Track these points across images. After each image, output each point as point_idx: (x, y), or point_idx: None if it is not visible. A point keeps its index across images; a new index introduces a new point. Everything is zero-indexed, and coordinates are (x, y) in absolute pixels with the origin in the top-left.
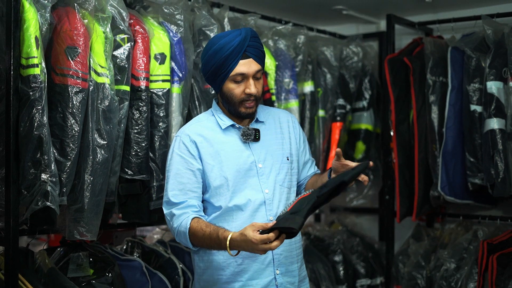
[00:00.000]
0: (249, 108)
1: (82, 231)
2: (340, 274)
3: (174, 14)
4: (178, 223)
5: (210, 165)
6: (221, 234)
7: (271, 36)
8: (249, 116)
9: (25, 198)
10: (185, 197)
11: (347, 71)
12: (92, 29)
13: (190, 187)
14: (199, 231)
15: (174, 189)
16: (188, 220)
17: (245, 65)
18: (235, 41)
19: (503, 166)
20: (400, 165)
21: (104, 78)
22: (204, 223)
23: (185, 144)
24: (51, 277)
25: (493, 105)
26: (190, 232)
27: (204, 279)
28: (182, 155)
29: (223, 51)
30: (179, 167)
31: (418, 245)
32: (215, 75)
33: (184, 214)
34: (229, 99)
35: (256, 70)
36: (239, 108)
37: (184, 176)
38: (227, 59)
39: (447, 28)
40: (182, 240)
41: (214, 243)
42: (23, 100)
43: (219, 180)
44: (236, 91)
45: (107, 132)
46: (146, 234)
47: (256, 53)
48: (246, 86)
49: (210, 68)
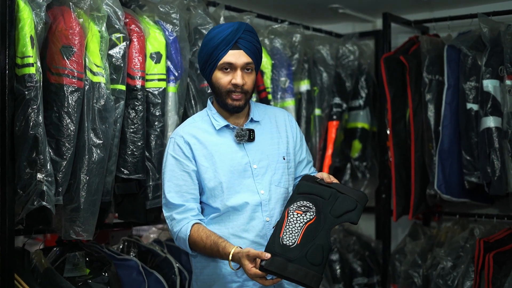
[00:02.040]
0: (236, 100)
1: (78, 231)
2: (337, 273)
3: (170, 13)
4: (178, 229)
5: (204, 167)
6: (222, 250)
7: (267, 35)
8: (236, 109)
9: (21, 198)
10: (183, 199)
11: (343, 70)
12: (88, 28)
13: (186, 189)
14: (199, 242)
15: (171, 191)
16: (188, 227)
17: (234, 55)
18: (226, 31)
19: (499, 164)
20: (396, 163)
21: (99, 78)
22: (204, 234)
23: (179, 146)
24: (47, 277)
25: (489, 103)
26: (190, 241)
27: (201, 279)
28: (177, 157)
29: (214, 40)
30: (174, 169)
31: (414, 243)
32: (205, 63)
33: (184, 219)
34: (217, 90)
35: (245, 62)
36: (226, 100)
37: (180, 178)
38: (217, 47)
39: (443, 27)
40: (181, 246)
41: (215, 255)
42: (19, 99)
43: (213, 182)
44: (222, 80)
45: (103, 131)
46: (142, 234)
47: (249, 46)
48: (233, 76)
49: (203, 57)
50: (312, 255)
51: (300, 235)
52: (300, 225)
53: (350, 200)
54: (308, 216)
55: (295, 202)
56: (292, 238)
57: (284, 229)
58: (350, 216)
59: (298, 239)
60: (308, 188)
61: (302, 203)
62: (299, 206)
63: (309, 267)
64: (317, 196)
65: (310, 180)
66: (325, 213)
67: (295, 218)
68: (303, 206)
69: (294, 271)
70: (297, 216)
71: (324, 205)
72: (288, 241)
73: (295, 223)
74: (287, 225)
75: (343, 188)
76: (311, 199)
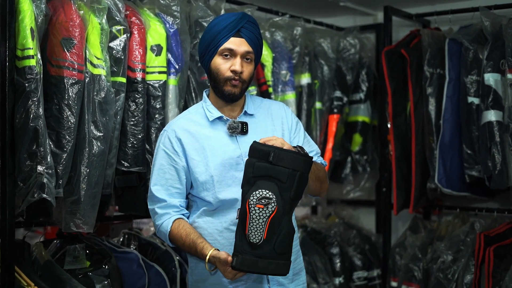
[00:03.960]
0: (233, 87)
1: (78, 223)
2: (337, 267)
3: (171, 5)
4: (160, 223)
5: (195, 161)
6: (200, 251)
7: (268, 28)
8: (232, 97)
9: (21, 190)
10: (168, 193)
11: (344, 63)
12: (88, 21)
13: (171, 183)
14: (178, 239)
15: (156, 184)
16: (169, 223)
17: (235, 42)
18: (230, 19)
19: (500, 158)
20: (397, 157)
21: (100, 70)
22: (184, 231)
23: (170, 140)
24: (48, 269)
25: (491, 97)
26: (170, 236)
27: (196, 273)
28: (167, 150)
29: (217, 27)
30: (162, 162)
31: (415, 237)
32: (206, 49)
33: (166, 214)
34: (215, 76)
35: (245, 50)
36: (223, 86)
37: (167, 172)
38: (219, 33)
39: (445, 20)
40: (162, 238)
41: (194, 254)
42: (19, 91)
43: (204, 175)
44: (222, 66)
45: (103, 124)
46: (142, 227)
47: (250, 36)
48: (232, 63)
49: (204, 43)
50: (279, 246)
51: (265, 230)
52: (263, 221)
53: (305, 177)
54: (270, 208)
55: (254, 191)
56: (258, 235)
57: (249, 226)
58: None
59: (263, 234)
60: (265, 171)
61: (262, 193)
62: (259, 199)
63: (278, 257)
64: (274, 180)
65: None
66: (285, 199)
67: (257, 213)
68: (263, 199)
69: (265, 266)
70: (259, 211)
71: (283, 190)
72: (254, 238)
73: (258, 219)
74: (250, 222)
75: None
76: (269, 186)
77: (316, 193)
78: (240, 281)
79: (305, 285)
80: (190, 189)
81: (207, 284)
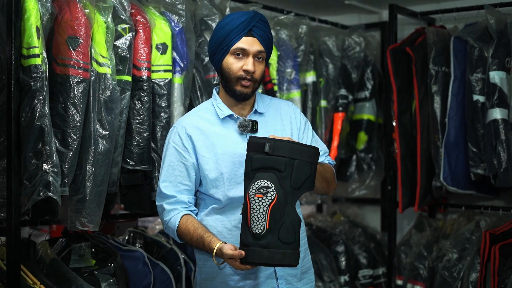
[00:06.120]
0: (245, 87)
1: (84, 222)
2: (342, 265)
3: (176, 4)
4: (168, 219)
5: (205, 158)
6: (207, 245)
7: (273, 26)
8: (243, 96)
9: (27, 189)
10: (176, 189)
11: (349, 61)
12: (94, 19)
13: (180, 180)
14: (186, 234)
15: (165, 180)
16: (177, 218)
17: (247, 42)
18: (242, 18)
19: (505, 156)
20: (402, 155)
21: (105, 68)
22: (192, 226)
23: (180, 137)
24: (53, 267)
25: (496, 95)
26: (178, 232)
27: (205, 271)
28: (176, 147)
29: (229, 26)
30: (172, 158)
31: (420, 235)
32: (217, 48)
33: (174, 210)
34: (227, 75)
35: (258, 50)
36: (235, 86)
37: (176, 169)
38: (231, 32)
39: (450, 18)
40: (170, 234)
41: (201, 249)
42: (24, 90)
43: (214, 173)
44: (234, 66)
45: (109, 122)
46: (148, 225)
47: (262, 35)
48: (245, 63)
49: (215, 42)
50: (284, 235)
51: (267, 219)
52: (264, 210)
53: (305, 164)
54: (269, 197)
55: (253, 183)
56: (260, 225)
57: (250, 217)
58: (308, 185)
59: (266, 224)
60: (262, 162)
61: (260, 183)
62: (257, 189)
63: (284, 247)
64: (273, 170)
65: (259, 150)
66: (285, 187)
67: (257, 203)
68: (262, 188)
69: (271, 256)
70: (258, 201)
71: (282, 179)
72: (257, 229)
73: (259, 209)
74: (251, 213)
75: (292, 147)
76: (267, 176)
77: (323, 192)
78: (248, 279)
79: (313, 284)
80: (199, 187)
81: (216, 282)
